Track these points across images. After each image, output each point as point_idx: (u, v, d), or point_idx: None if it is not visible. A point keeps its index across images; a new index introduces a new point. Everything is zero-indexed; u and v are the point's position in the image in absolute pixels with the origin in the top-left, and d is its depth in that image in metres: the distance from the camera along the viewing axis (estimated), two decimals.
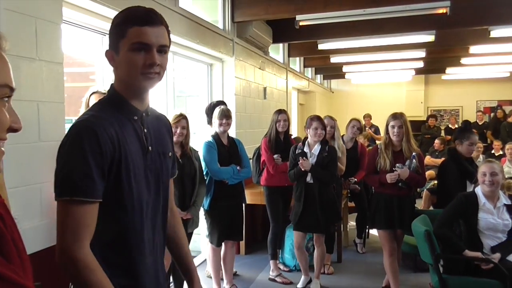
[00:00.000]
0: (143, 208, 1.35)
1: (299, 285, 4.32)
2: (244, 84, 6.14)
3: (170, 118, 3.51)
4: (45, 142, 2.46)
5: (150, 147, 1.39)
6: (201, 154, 3.88)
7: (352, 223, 6.02)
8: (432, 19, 5.83)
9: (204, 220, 4.07)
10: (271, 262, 4.65)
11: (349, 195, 5.37)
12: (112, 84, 1.40)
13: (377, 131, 10.12)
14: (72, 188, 1.21)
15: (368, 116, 10.60)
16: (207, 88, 5.73)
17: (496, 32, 6.12)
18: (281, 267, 4.82)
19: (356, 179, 5.15)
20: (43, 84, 2.46)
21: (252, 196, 5.00)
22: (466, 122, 4.90)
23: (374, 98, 13.63)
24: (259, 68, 6.78)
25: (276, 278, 4.54)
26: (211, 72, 5.79)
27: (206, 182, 3.86)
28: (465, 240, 3.38)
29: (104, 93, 1.71)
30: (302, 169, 4.01)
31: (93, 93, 2.93)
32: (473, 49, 7.96)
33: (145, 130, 1.39)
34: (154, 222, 1.42)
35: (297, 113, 10.35)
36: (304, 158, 4.01)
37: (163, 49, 1.33)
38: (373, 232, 4.68)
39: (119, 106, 1.36)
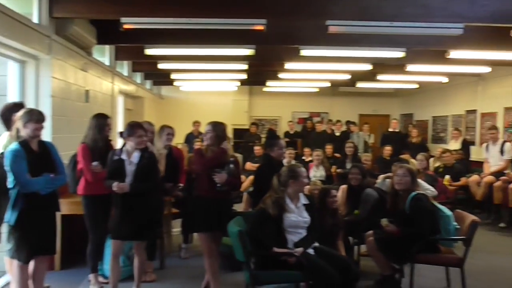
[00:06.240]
0: None
1: None
2: (63, 85, 5.72)
3: None
4: None
5: None
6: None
7: (176, 229, 6.07)
8: (251, 34, 6.26)
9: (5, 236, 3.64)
10: (91, 275, 4.41)
11: (173, 201, 5.39)
12: None
13: None
14: None
15: (197, 123, 10.90)
16: (18, 88, 5.18)
17: (305, 51, 6.90)
18: (101, 279, 4.59)
19: (182, 184, 5.18)
20: None
21: (69, 206, 4.68)
22: (271, 132, 5.42)
23: (203, 106, 14.04)
24: (81, 70, 6.40)
25: None
26: (24, 70, 5.25)
27: (13, 193, 3.47)
28: (274, 238, 3.71)
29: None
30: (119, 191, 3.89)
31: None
32: (287, 65, 8.83)
33: None
34: None
35: (123, 119, 10.04)
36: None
37: None
38: (196, 236, 4.80)
39: None
